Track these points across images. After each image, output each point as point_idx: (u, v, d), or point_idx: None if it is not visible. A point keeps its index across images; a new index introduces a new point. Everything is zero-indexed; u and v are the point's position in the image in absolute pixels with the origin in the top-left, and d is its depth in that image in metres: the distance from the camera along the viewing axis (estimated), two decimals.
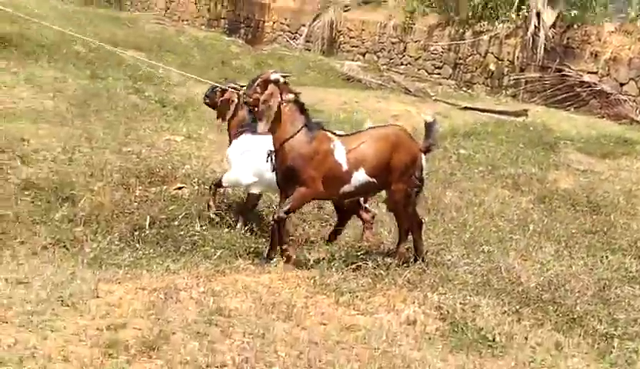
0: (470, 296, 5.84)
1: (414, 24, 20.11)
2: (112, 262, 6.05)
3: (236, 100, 7.33)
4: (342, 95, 14.26)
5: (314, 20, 22.28)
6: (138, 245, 6.56)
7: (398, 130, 6.52)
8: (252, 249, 6.61)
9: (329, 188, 6.18)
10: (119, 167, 7.76)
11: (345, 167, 6.13)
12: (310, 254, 6.56)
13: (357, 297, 5.59)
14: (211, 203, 7.22)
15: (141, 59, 13.57)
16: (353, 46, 21.50)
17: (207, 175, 8.13)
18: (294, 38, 22.94)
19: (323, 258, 6.35)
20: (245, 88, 6.67)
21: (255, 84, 6.18)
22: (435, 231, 7.61)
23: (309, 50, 21.90)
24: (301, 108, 6.20)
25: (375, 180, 6.21)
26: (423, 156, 6.34)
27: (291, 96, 6.15)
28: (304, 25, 22.68)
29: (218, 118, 7.57)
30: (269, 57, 18.97)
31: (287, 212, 6.16)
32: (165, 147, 8.94)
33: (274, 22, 23.93)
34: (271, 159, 6.25)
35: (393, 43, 20.52)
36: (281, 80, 6.17)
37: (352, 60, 20.70)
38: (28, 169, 7.37)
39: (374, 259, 6.30)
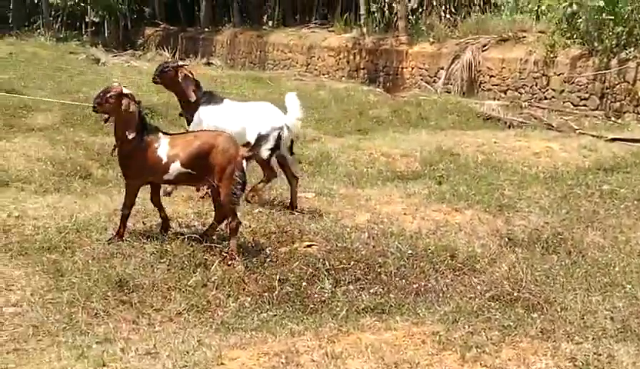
0: (609, 344, 5.52)
1: (555, 57, 19.54)
2: (239, 326, 6.11)
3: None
4: (480, 137, 13.96)
5: (452, 62, 22.11)
6: (268, 306, 6.61)
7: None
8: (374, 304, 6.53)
9: None
10: (249, 228, 7.87)
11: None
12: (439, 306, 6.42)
13: (485, 351, 5.39)
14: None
15: None
16: (494, 85, 21.14)
17: (337, 231, 8.13)
18: (433, 82, 22.82)
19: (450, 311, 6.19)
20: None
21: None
22: (575, 273, 7.26)
23: (449, 92, 21.69)
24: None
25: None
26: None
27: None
28: (442, 68, 22.54)
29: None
30: (407, 103, 18.90)
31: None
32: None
33: (412, 68, 23.92)
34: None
35: (535, 78, 20.02)
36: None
37: (494, 99, 20.35)
38: (163, 237, 7.60)
39: (501, 309, 6.08)
